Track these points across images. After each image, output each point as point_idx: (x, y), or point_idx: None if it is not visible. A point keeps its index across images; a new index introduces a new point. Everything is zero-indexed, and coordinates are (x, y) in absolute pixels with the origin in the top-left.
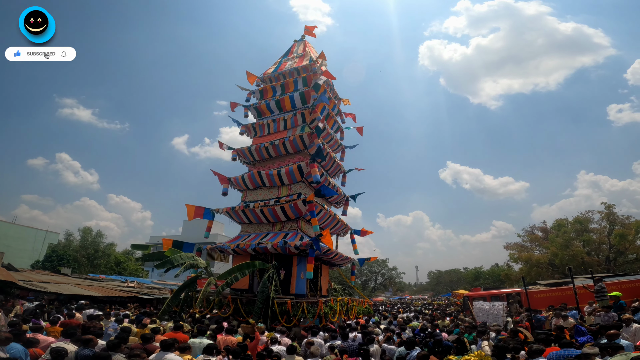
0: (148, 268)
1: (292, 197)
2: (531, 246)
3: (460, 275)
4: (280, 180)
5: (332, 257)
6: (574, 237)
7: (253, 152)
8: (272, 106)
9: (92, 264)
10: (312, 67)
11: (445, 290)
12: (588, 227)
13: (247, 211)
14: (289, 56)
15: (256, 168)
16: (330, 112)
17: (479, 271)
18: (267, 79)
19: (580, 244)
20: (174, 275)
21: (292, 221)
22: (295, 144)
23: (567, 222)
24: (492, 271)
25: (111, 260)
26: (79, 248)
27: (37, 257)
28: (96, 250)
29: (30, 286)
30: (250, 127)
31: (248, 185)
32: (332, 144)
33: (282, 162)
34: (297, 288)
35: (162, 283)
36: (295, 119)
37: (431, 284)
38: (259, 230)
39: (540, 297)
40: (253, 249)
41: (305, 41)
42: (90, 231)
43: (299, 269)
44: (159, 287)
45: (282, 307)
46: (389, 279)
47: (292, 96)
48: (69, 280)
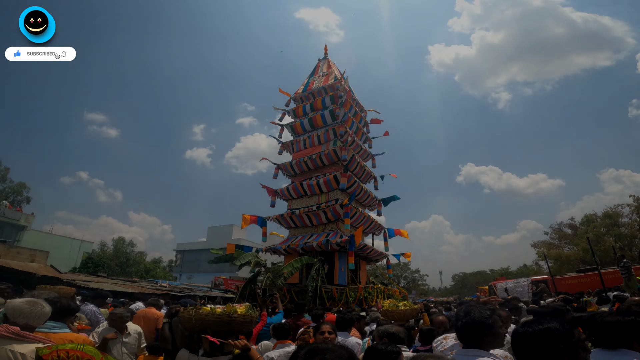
0: (176, 274)
1: (331, 202)
2: (560, 243)
3: (486, 276)
4: (319, 189)
5: (369, 253)
6: (605, 232)
7: (294, 166)
8: (305, 124)
9: (124, 271)
10: (337, 86)
11: (471, 293)
12: (618, 221)
13: (293, 217)
14: (315, 75)
15: (297, 179)
16: (358, 125)
17: (505, 272)
18: (298, 99)
19: (612, 239)
20: (248, 271)
21: (332, 223)
22: (329, 157)
23: (596, 217)
24: (520, 271)
25: (141, 268)
26: (112, 256)
27: (74, 265)
28: (128, 258)
29: (75, 283)
30: (289, 144)
31: (292, 194)
32: (362, 154)
33: (319, 173)
34: (339, 279)
35: (192, 285)
36: (327, 135)
37: (456, 287)
38: (304, 232)
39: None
40: (301, 248)
41: (328, 59)
42: (123, 241)
43: (340, 263)
44: (189, 287)
45: (328, 294)
46: (412, 282)
47: (323, 114)
48: (107, 280)
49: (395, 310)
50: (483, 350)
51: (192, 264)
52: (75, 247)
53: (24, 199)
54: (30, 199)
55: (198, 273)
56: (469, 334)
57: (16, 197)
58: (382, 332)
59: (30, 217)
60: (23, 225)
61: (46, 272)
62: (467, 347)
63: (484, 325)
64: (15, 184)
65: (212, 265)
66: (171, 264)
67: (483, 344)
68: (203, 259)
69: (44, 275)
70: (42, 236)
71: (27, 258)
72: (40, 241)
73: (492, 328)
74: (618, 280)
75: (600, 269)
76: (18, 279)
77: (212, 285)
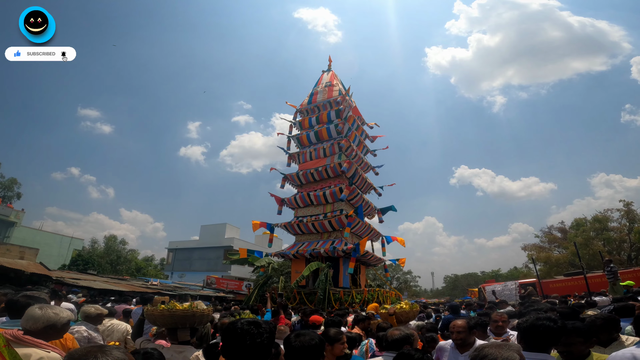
0: (168, 272)
1: (336, 212)
2: (550, 247)
3: (477, 278)
4: (325, 200)
5: (369, 259)
6: (594, 236)
7: (300, 177)
8: (311, 137)
9: (115, 269)
10: (339, 100)
11: (462, 294)
12: (607, 225)
13: (300, 225)
14: (318, 86)
15: (304, 189)
16: (360, 138)
17: (496, 274)
18: (304, 111)
19: (601, 243)
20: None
21: (337, 231)
22: (334, 170)
23: (585, 222)
24: (510, 274)
25: (132, 266)
26: (103, 254)
27: (64, 262)
28: (119, 256)
29: (64, 281)
30: (296, 155)
31: (299, 203)
32: (363, 166)
33: (325, 184)
34: (343, 282)
35: (183, 283)
36: (332, 148)
37: (447, 288)
38: (310, 239)
39: (555, 287)
40: (309, 254)
41: (332, 71)
42: (115, 239)
43: (344, 268)
44: (180, 286)
45: (335, 296)
46: (404, 283)
47: (328, 128)
48: (97, 278)
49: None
50: (548, 355)
51: (184, 263)
52: (65, 244)
53: (14, 194)
54: (21, 194)
55: (190, 272)
56: (536, 339)
57: (7, 192)
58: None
59: (21, 214)
60: (13, 221)
61: (35, 270)
62: (531, 350)
63: (552, 332)
64: (6, 180)
65: (204, 264)
66: (163, 262)
67: (547, 349)
68: (195, 257)
69: (33, 273)
70: (32, 233)
71: (16, 255)
72: (30, 238)
73: (560, 335)
74: (604, 284)
75: (586, 273)
76: (7, 277)
77: (204, 284)
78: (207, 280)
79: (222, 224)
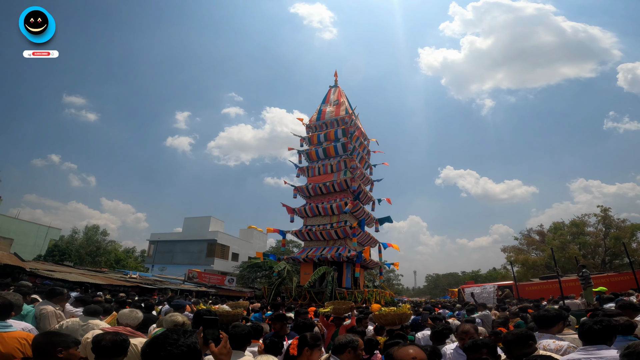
0: (148, 265)
1: (341, 223)
2: (528, 249)
3: (457, 278)
4: (332, 211)
5: (368, 263)
6: (570, 240)
7: (310, 189)
8: (319, 153)
9: (94, 260)
10: (346, 120)
11: (442, 293)
12: (584, 230)
13: (310, 233)
14: (326, 102)
15: (313, 201)
16: (363, 155)
17: (476, 274)
18: (312, 127)
19: (577, 247)
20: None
21: (341, 239)
22: (341, 185)
23: (563, 225)
24: (489, 274)
25: (111, 257)
26: (83, 244)
27: (39, 252)
28: (98, 247)
29: (38, 272)
30: (305, 169)
31: (308, 213)
32: (365, 180)
33: (331, 198)
34: (346, 283)
35: (163, 277)
36: (339, 165)
37: (429, 287)
38: (317, 245)
39: (531, 290)
40: (317, 259)
41: (338, 88)
42: (96, 229)
43: (347, 271)
44: (160, 279)
45: (340, 295)
46: (387, 281)
47: (336, 145)
48: (73, 270)
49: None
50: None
51: (166, 255)
52: (42, 234)
53: None
54: None
55: (172, 265)
56: (600, 335)
57: None
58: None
59: None
60: None
61: (9, 261)
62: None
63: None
64: None
65: (186, 257)
66: (144, 254)
67: (609, 342)
68: (178, 250)
69: (5, 264)
70: (7, 221)
71: None
72: (6, 226)
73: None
74: (578, 289)
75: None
76: None
77: (186, 278)
78: (188, 274)
79: (207, 216)
